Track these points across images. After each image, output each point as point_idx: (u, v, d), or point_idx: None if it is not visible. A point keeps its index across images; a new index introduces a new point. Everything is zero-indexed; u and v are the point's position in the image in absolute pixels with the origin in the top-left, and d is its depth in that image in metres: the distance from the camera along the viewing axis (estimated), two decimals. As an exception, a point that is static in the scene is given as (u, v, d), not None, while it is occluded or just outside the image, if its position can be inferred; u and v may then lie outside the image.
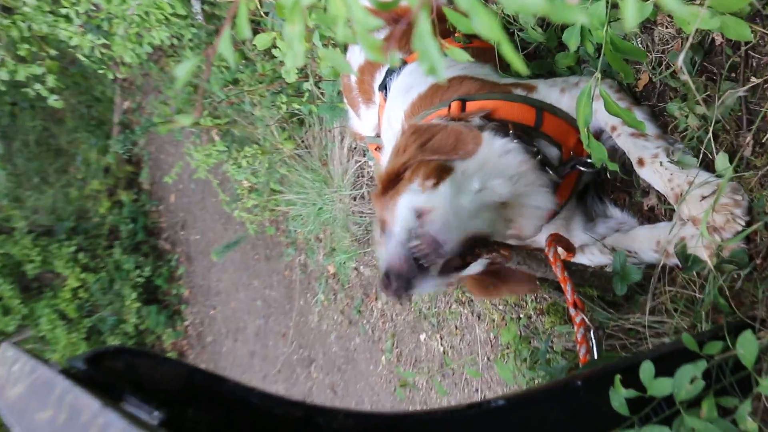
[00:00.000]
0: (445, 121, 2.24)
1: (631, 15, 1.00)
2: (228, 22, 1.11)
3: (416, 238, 1.95)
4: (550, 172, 2.24)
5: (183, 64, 1.12)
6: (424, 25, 1.00)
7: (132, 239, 8.42)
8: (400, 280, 1.92)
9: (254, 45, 3.02)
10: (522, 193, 2.18)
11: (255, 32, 4.34)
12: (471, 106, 2.32)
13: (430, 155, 2.14)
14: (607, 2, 1.71)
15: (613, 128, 2.20)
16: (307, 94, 4.00)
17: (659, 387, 1.60)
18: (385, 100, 2.77)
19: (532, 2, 0.87)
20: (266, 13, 3.56)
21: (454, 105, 2.33)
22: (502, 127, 2.22)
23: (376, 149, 3.01)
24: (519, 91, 2.36)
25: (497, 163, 2.16)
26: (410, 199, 2.07)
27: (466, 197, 2.07)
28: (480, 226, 2.07)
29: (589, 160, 2.29)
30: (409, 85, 2.59)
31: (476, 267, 2.19)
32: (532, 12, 0.89)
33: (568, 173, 2.32)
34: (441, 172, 2.10)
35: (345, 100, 3.35)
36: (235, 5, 1.17)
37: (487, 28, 0.94)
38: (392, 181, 2.21)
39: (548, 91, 2.35)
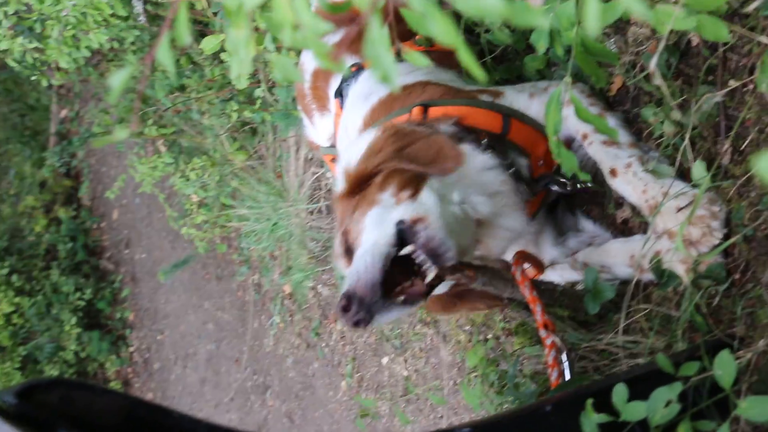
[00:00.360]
0: (430, 129, 2.20)
1: (594, 18, 0.97)
2: (167, 26, 1.07)
3: (415, 246, 1.90)
4: (525, 187, 2.23)
5: (118, 73, 1.10)
6: (375, 30, 0.98)
7: (71, 259, 8.23)
8: (362, 308, 1.86)
9: (202, 49, 2.97)
10: (499, 213, 2.17)
11: (203, 35, 4.29)
12: (434, 111, 2.29)
13: (406, 163, 2.09)
14: (577, 1, 1.70)
15: (585, 136, 2.20)
16: (259, 101, 3.97)
17: (633, 411, 1.60)
18: (341, 108, 2.74)
19: (491, 5, 0.85)
20: (215, 14, 3.51)
21: (416, 110, 2.30)
22: (474, 136, 2.20)
23: (331, 160, 2.97)
24: (485, 97, 2.34)
25: (477, 178, 2.14)
26: (387, 212, 2.01)
27: (452, 206, 2.04)
28: (467, 239, 2.04)
29: (562, 180, 2.29)
30: (369, 90, 2.56)
31: (439, 289, 2.16)
32: (491, 16, 0.87)
33: (540, 191, 2.31)
34: (416, 183, 2.06)
35: (299, 107, 3.31)
36: (174, 7, 1.13)
37: (444, 32, 0.92)
38: (361, 183, 2.15)
39: (516, 97, 2.34)
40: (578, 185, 2.33)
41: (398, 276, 1.94)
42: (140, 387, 7.60)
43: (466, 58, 0.93)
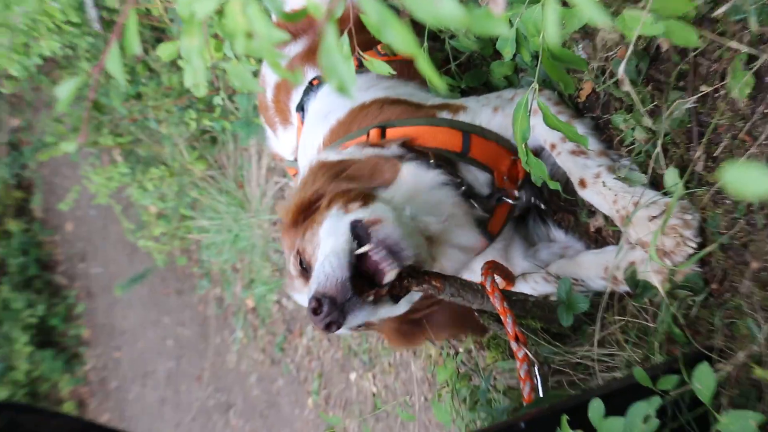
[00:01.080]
0: (358, 153, 2.20)
1: (554, 24, 0.95)
2: (116, 34, 1.06)
3: (372, 243, 1.84)
4: (476, 205, 2.21)
5: (65, 84, 1.08)
6: (330, 39, 0.95)
7: (23, 274, 8.18)
8: (335, 308, 1.80)
9: (158, 56, 2.92)
10: (450, 231, 2.15)
11: (159, 41, 4.26)
12: (391, 133, 2.29)
13: (347, 184, 2.07)
14: (543, 7, 1.69)
15: (553, 146, 2.20)
16: (219, 109, 3.93)
17: (610, 427, 1.58)
18: (302, 122, 2.72)
19: (449, 13, 0.83)
20: (171, 20, 3.46)
21: (373, 132, 2.30)
22: (423, 156, 2.19)
23: (295, 175, 2.95)
24: (445, 114, 2.33)
25: (428, 197, 2.12)
26: (339, 219, 1.98)
27: (404, 213, 2.01)
28: (422, 249, 2.01)
29: (516, 193, 2.29)
30: (327, 109, 2.55)
31: (402, 306, 2.13)
32: (449, 24, 0.85)
33: (495, 205, 2.30)
34: (365, 197, 2.03)
35: (261, 118, 3.28)
36: (124, 13, 1.09)
37: (401, 40, 0.89)
38: (303, 212, 2.13)
39: (479, 111, 2.33)
40: (532, 199, 2.32)
41: (363, 285, 1.90)
42: (96, 407, 7.55)
43: (426, 67, 0.91)
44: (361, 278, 1.89)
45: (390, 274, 1.86)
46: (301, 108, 2.72)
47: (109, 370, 7.43)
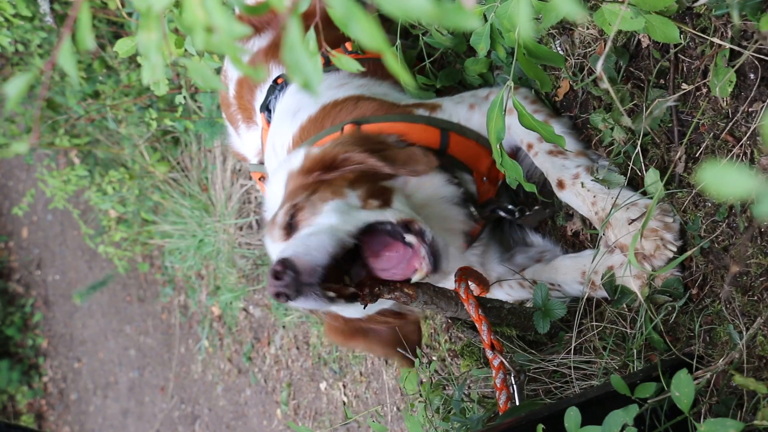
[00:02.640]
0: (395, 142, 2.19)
1: (526, 18, 0.93)
2: (68, 27, 1.03)
3: (421, 241, 1.87)
4: (473, 210, 2.21)
5: (14, 80, 1.04)
6: (294, 33, 0.93)
7: (-25, 282, 8.04)
8: (293, 283, 1.77)
9: (116, 52, 2.87)
10: (444, 233, 2.15)
11: (117, 36, 4.20)
12: (367, 129, 2.25)
13: (376, 160, 2.05)
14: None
15: (530, 146, 2.18)
16: (181, 109, 3.87)
17: None
18: (268, 123, 2.66)
19: (418, 6, 0.82)
20: (129, 14, 3.40)
21: (348, 128, 2.26)
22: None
23: (260, 179, 2.88)
24: (421, 111, 2.31)
25: (440, 210, 2.15)
26: (353, 208, 1.97)
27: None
28: None
29: (510, 207, 2.30)
30: (297, 106, 2.50)
31: (355, 311, 2.11)
32: (418, 18, 0.83)
33: (487, 216, 2.30)
34: (384, 194, 2.03)
35: (223, 115, 3.22)
36: (76, 6, 1.06)
37: (367, 35, 0.87)
38: (323, 167, 2.10)
39: (455, 109, 2.31)
40: (527, 212, 2.32)
41: (332, 279, 1.89)
42: (55, 420, 7.46)
43: (394, 64, 0.89)
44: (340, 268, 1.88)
45: (419, 274, 1.86)
46: (266, 108, 2.67)
47: (69, 382, 7.33)
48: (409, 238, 1.88)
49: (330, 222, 1.91)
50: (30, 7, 3.84)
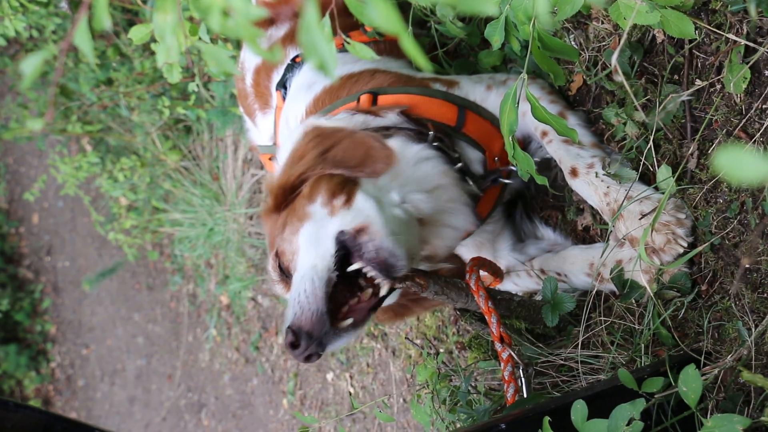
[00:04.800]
0: (352, 125, 2.14)
1: (545, 6, 0.93)
2: (84, 8, 1.03)
3: (363, 261, 1.85)
4: (471, 183, 2.19)
5: (30, 58, 1.04)
6: (310, 15, 0.94)
7: (-15, 267, 8.05)
8: (312, 342, 1.81)
9: (130, 39, 2.89)
10: (442, 209, 2.12)
11: (131, 23, 4.21)
12: (383, 100, 2.24)
13: (331, 167, 2.03)
14: (534, -8, 1.67)
15: (544, 134, 2.18)
16: (194, 97, 3.88)
17: (592, 429, 1.59)
18: (283, 100, 2.67)
19: None
20: (144, 2, 3.42)
21: (364, 98, 2.25)
22: (421, 126, 2.16)
23: (269, 159, 2.89)
24: (438, 86, 2.31)
25: (413, 172, 2.08)
26: (321, 227, 1.94)
27: (393, 209, 1.98)
28: (414, 242, 2.00)
29: (512, 167, 2.25)
30: (312, 80, 2.50)
31: (389, 300, 2.11)
32: (434, 2, 0.84)
33: (489, 186, 2.28)
34: (347, 187, 1.99)
35: (240, 108, 3.23)
36: None
37: (384, 18, 0.89)
38: (287, 195, 2.09)
39: (472, 88, 2.31)
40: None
41: (343, 292, 1.90)
42: (62, 406, 7.45)
43: (409, 46, 0.90)
44: (343, 279, 1.89)
45: (383, 290, 1.87)
46: (282, 85, 2.67)
47: (77, 368, 7.34)
48: (353, 266, 1.88)
49: (309, 261, 1.91)
50: (46, -8, 3.87)
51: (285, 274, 2.04)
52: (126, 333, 6.46)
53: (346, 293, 1.91)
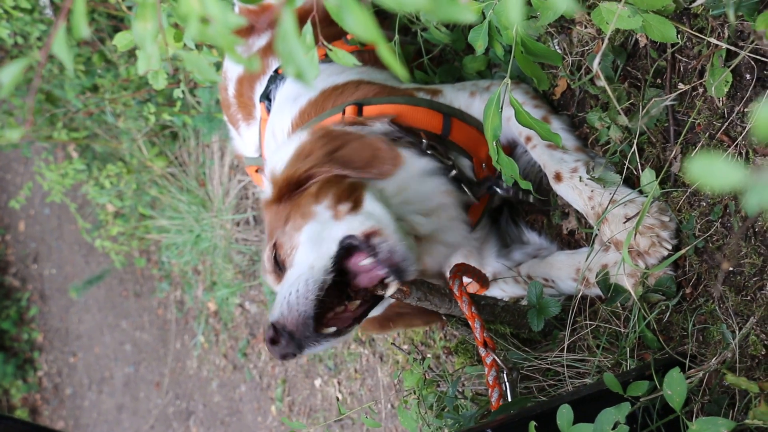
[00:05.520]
0: (362, 129, 2.15)
1: (516, 12, 0.93)
2: (63, 16, 1.03)
3: (376, 260, 1.86)
4: (467, 191, 2.19)
5: (8, 67, 1.04)
6: (288, 23, 0.94)
7: (-29, 275, 8.00)
8: (292, 342, 1.82)
9: (115, 45, 2.88)
10: (440, 228, 2.14)
11: (117, 30, 4.19)
12: (368, 110, 2.24)
13: (339, 168, 2.04)
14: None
15: (528, 138, 2.18)
16: (179, 103, 3.86)
17: None
18: (267, 112, 2.66)
19: None
20: (129, 8, 3.40)
21: (349, 110, 2.24)
22: (413, 135, 2.16)
23: (255, 171, 2.88)
24: (422, 95, 2.30)
25: (418, 187, 2.10)
26: (325, 229, 1.95)
27: (397, 212, 2.00)
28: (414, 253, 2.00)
29: (504, 184, 2.27)
30: (297, 93, 2.49)
31: (375, 311, 2.12)
32: (412, 9, 0.83)
33: (483, 194, 2.28)
34: (354, 194, 2.00)
35: (225, 117, 3.21)
36: None
37: (361, 26, 0.88)
38: (291, 188, 2.09)
39: (456, 95, 2.31)
40: (512, 192, 2.31)
41: (331, 298, 1.89)
42: (50, 415, 7.41)
43: (386, 54, 0.90)
44: (337, 284, 1.90)
45: (391, 289, 1.87)
46: (266, 97, 2.66)
47: (64, 376, 7.29)
48: (365, 261, 1.88)
49: (307, 260, 1.91)
50: (30, -1, 3.84)
51: (279, 267, 2.04)
52: (113, 340, 6.42)
53: (335, 300, 1.90)
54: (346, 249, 1.90)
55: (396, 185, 2.07)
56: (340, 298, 1.92)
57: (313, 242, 1.94)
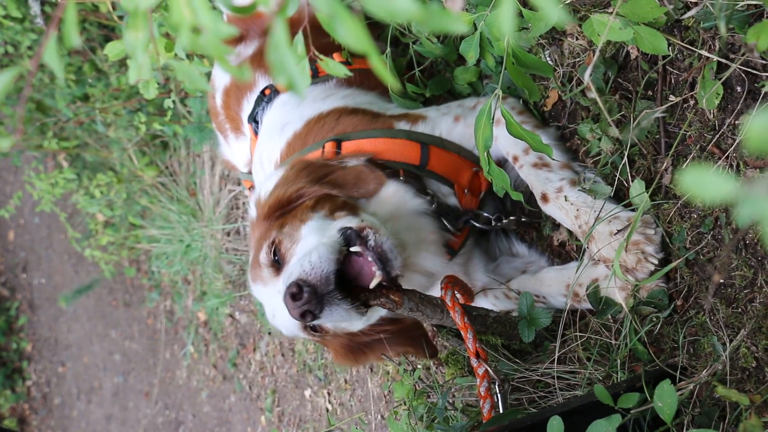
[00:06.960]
0: (341, 163, 2.21)
1: (508, 19, 0.92)
2: (54, 25, 1.02)
3: (365, 248, 1.87)
4: (448, 226, 2.22)
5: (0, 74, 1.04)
6: (279, 33, 0.92)
7: (-40, 285, 7.96)
8: (314, 297, 1.79)
9: (106, 55, 2.86)
10: (418, 256, 2.17)
11: (108, 39, 4.17)
12: (347, 147, 2.26)
13: (330, 188, 2.09)
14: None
15: (515, 158, 2.18)
16: (170, 113, 3.84)
17: None
18: (255, 134, 2.66)
19: (402, 7, 0.81)
20: (120, 18, 3.38)
21: (329, 146, 2.27)
22: (393, 173, 2.20)
23: (250, 188, 2.88)
24: (403, 124, 2.31)
25: (409, 221, 2.15)
26: (327, 224, 1.99)
27: (389, 227, 2.03)
28: (402, 260, 2.00)
29: (485, 214, 2.30)
30: (284, 120, 2.50)
31: (360, 323, 2.11)
32: (403, 19, 0.82)
33: (463, 227, 2.29)
34: (348, 205, 2.06)
35: (213, 124, 3.21)
36: (62, 4, 1.05)
37: (353, 37, 0.87)
38: (280, 209, 2.13)
39: (440, 120, 2.32)
40: (501, 221, 2.31)
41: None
42: (38, 425, 7.38)
43: (378, 66, 0.88)
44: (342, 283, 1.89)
45: (376, 279, 1.86)
46: (253, 119, 2.66)
47: (53, 386, 7.26)
48: (355, 247, 1.89)
49: (316, 240, 1.93)
50: (20, 8, 3.82)
51: (277, 262, 2.04)
52: (103, 350, 6.40)
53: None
54: (346, 239, 1.91)
55: (389, 211, 2.13)
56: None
57: (318, 230, 1.97)
